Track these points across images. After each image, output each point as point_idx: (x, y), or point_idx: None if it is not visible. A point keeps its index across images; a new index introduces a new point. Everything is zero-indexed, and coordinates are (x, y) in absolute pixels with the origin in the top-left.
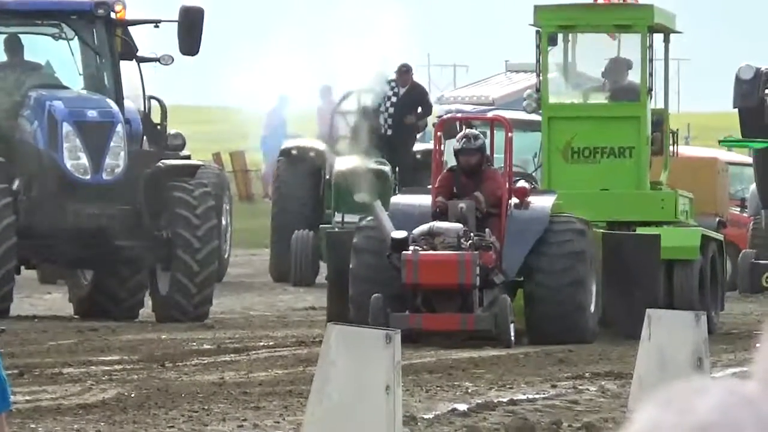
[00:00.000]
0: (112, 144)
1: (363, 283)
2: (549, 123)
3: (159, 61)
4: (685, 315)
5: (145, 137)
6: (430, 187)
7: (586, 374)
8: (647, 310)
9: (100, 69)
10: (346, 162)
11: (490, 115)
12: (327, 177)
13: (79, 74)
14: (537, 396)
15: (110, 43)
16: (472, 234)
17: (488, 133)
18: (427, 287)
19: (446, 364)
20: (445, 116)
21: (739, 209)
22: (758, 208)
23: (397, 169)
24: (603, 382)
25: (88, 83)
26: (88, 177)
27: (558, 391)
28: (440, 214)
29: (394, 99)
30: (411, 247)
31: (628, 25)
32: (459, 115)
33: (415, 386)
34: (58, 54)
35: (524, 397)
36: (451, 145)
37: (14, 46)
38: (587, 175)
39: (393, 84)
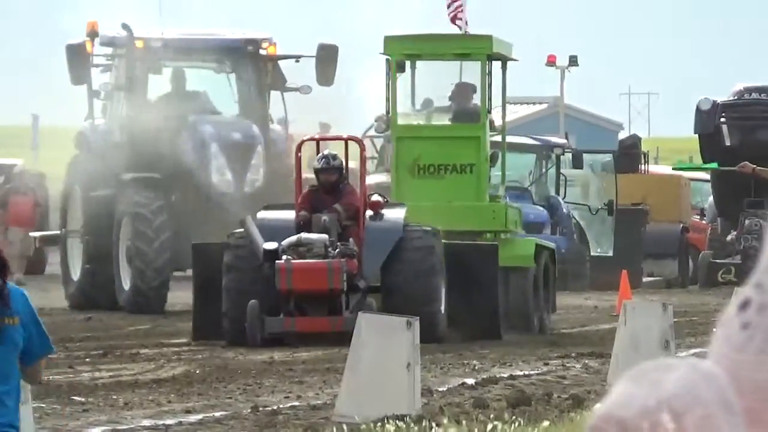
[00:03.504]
0: (252, 162)
1: (236, 297)
2: (397, 142)
3: (299, 91)
4: (655, 305)
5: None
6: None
7: (573, 354)
8: (624, 302)
9: (251, 97)
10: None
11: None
12: None
13: (235, 102)
14: (532, 372)
15: (259, 75)
16: (337, 243)
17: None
18: (300, 292)
19: (457, 345)
20: (304, 138)
21: (699, 217)
22: (715, 216)
23: None
24: (586, 361)
25: (241, 110)
26: (231, 191)
27: (549, 368)
28: (304, 226)
29: None
30: (283, 257)
31: (468, 53)
32: (316, 136)
33: (431, 364)
34: (215, 84)
35: (521, 373)
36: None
37: (178, 78)
38: (432, 189)
39: None
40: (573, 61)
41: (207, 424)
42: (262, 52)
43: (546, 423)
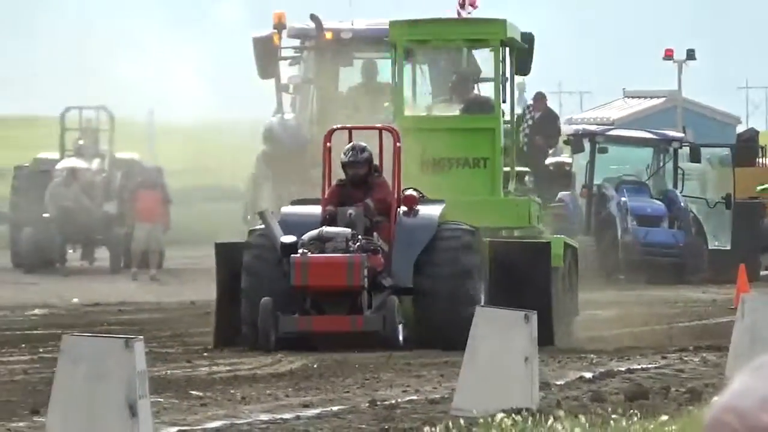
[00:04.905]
0: None
1: (256, 300)
2: (404, 134)
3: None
4: None
5: None
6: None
7: (690, 348)
8: (742, 295)
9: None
10: None
11: (583, 129)
12: None
13: (428, 93)
14: (650, 366)
15: (497, 66)
16: (360, 237)
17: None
18: (316, 289)
19: (573, 339)
20: (335, 127)
21: None
22: None
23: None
24: (704, 354)
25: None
26: None
27: (667, 362)
28: (330, 221)
29: (530, 122)
30: (300, 251)
31: (481, 39)
32: (348, 125)
33: (548, 357)
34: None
35: (639, 366)
36: (579, 158)
37: (370, 70)
38: (441, 184)
39: (530, 108)
40: (690, 54)
41: (325, 418)
42: None
43: (664, 417)
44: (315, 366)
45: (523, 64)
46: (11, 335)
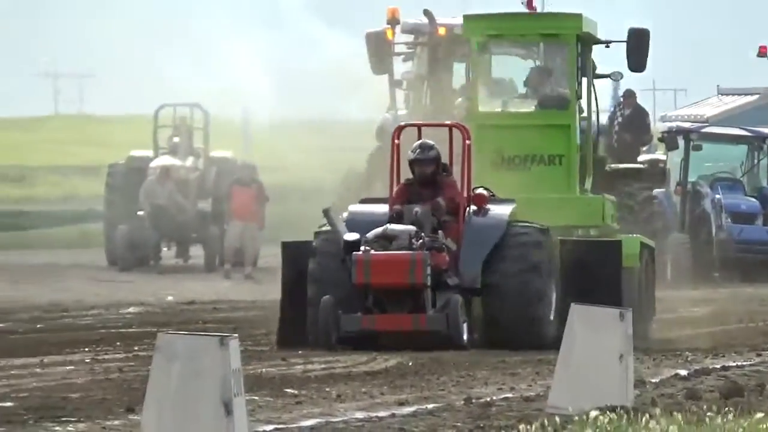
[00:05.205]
0: None
1: (319, 285)
2: (478, 131)
3: (610, 77)
4: None
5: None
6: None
7: None
8: None
9: (564, 86)
10: None
11: (677, 127)
12: None
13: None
14: (745, 363)
15: (572, 61)
16: (423, 234)
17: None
18: (378, 287)
19: (668, 337)
20: (403, 124)
21: None
22: None
23: None
24: None
25: None
26: None
27: (762, 359)
28: (396, 219)
29: (620, 119)
30: (362, 248)
31: (556, 34)
32: (417, 122)
33: (643, 355)
34: (524, 71)
35: (734, 364)
36: (674, 155)
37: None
38: (516, 183)
39: (620, 106)
40: None
41: (420, 416)
42: None
43: (759, 414)
44: (410, 364)
45: (636, 60)
46: (106, 333)
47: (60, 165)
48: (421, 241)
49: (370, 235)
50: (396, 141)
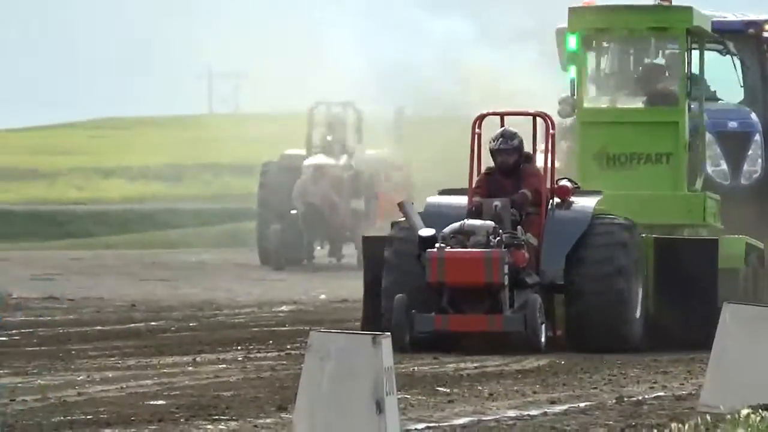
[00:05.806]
0: (749, 152)
1: (395, 276)
2: (583, 127)
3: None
4: None
5: None
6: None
7: None
8: None
9: (754, 83)
10: None
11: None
12: None
13: (741, 87)
14: None
15: (761, 59)
16: (501, 231)
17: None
18: (453, 286)
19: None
20: (485, 113)
21: None
22: None
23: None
24: None
25: (747, 96)
26: (727, 182)
27: None
28: (476, 213)
29: None
30: (437, 245)
31: (666, 27)
32: (499, 111)
33: None
34: (718, 69)
35: None
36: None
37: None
38: (622, 181)
39: None
40: None
41: (571, 415)
42: (765, 35)
43: None
44: (562, 362)
45: None
46: (258, 331)
47: (213, 163)
48: (499, 237)
49: (447, 230)
50: (477, 130)
